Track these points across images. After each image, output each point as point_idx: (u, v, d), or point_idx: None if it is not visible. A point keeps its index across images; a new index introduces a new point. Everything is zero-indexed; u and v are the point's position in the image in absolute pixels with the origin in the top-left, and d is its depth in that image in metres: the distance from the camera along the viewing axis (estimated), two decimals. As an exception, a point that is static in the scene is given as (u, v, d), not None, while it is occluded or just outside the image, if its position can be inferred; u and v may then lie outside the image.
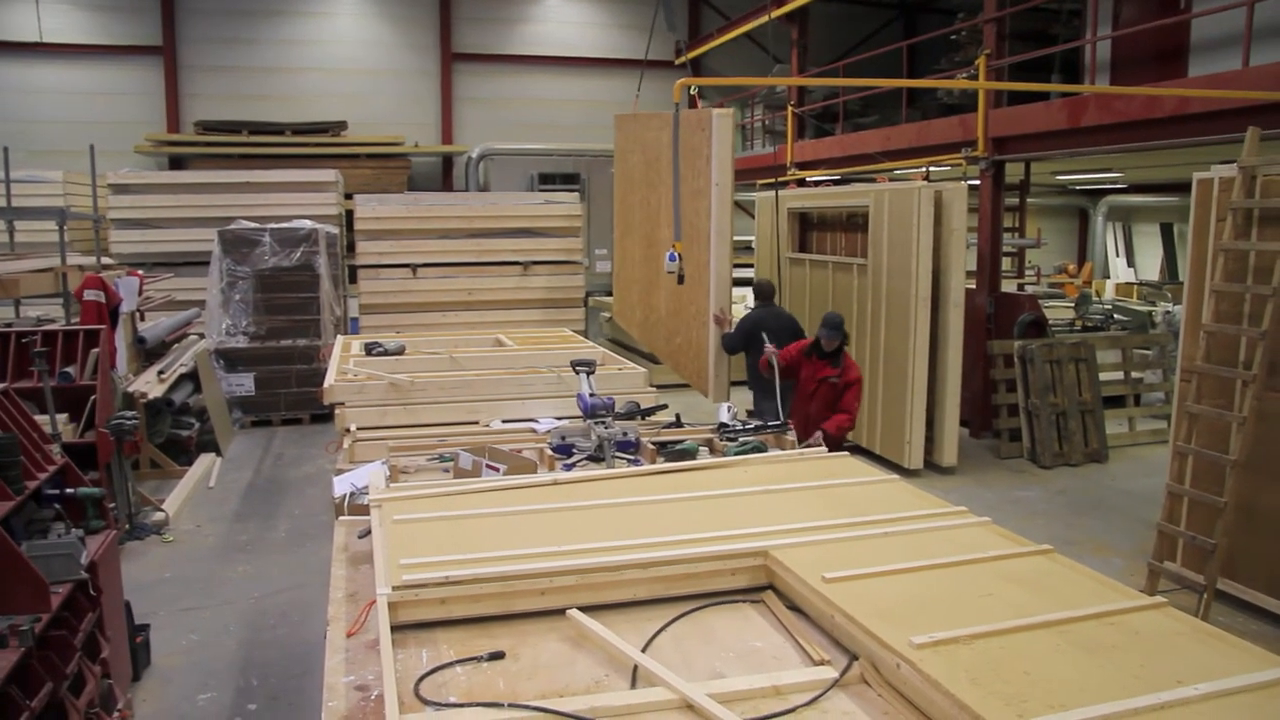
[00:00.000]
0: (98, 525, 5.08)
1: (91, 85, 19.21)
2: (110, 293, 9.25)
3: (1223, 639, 2.67)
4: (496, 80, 21.33)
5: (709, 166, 8.30)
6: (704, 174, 8.43)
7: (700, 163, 8.53)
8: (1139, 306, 16.12)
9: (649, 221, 10.56)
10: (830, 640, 2.87)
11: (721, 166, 8.24)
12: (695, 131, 8.61)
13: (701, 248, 8.59)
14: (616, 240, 13.05)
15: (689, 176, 8.73)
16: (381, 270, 13.43)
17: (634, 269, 11.55)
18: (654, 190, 10.16)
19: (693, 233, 8.76)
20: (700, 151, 8.50)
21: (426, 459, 5.19)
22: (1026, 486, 10.11)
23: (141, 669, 5.80)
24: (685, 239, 8.70)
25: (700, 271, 8.66)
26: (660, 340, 10.49)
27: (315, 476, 10.12)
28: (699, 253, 8.67)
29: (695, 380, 9.30)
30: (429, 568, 3.04)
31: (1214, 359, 6.86)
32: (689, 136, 8.69)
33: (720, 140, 8.20)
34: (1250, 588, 6.79)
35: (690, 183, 8.72)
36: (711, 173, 8.25)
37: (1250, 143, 6.82)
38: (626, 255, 12.19)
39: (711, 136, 8.20)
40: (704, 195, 8.46)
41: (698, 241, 8.67)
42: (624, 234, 12.29)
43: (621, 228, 12.51)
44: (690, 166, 8.72)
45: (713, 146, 8.20)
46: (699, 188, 8.58)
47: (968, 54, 14.35)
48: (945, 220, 10.05)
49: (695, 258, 8.72)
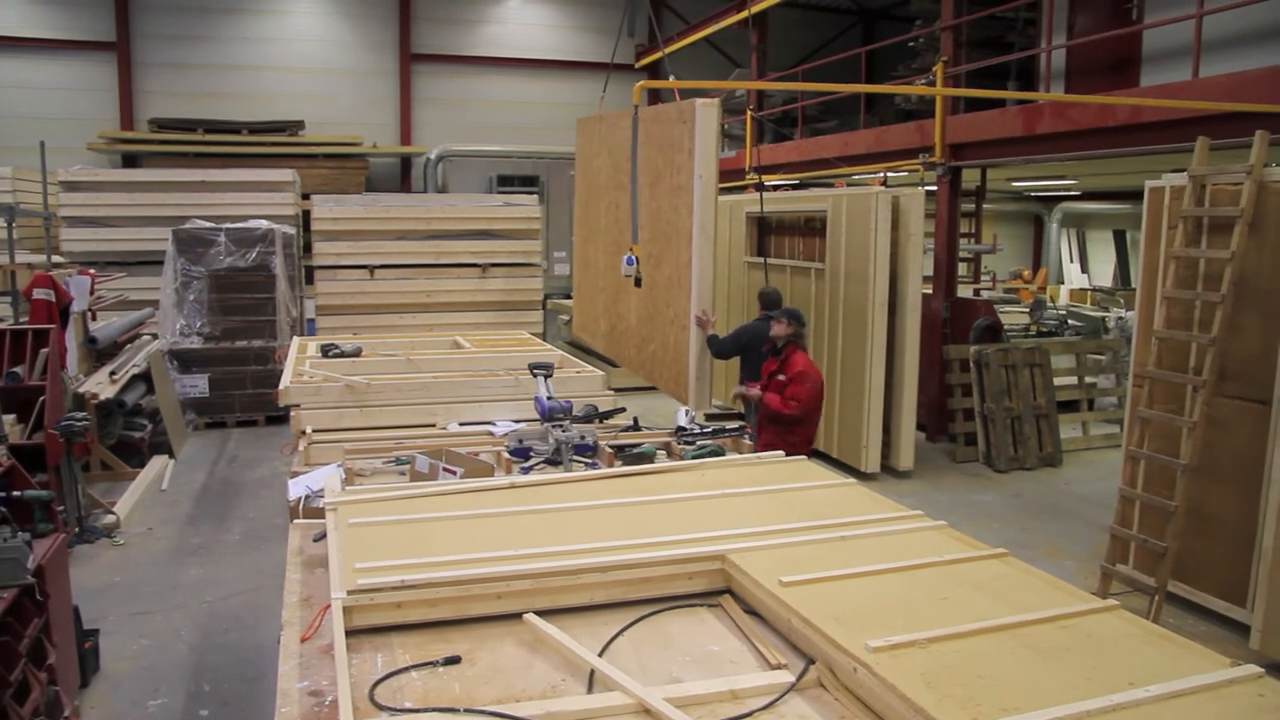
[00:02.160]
0: (45, 529, 4.99)
1: (43, 80, 18.89)
2: (60, 292, 9.09)
3: (1173, 641, 2.71)
4: (456, 81, 21.25)
5: (691, 160, 7.97)
6: (685, 168, 8.11)
7: (681, 157, 8.22)
8: (1093, 312, 16.35)
9: (616, 226, 10.20)
10: (787, 644, 2.87)
11: (705, 159, 7.89)
12: (675, 124, 8.33)
13: (682, 246, 8.25)
14: (577, 248, 12.69)
15: (668, 173, 8.47)
16: (339, 271, 13.32)
17: (598, 278, 11.18)
18: (623, 193, 9.75)
19: (671, 231, 8.47)
20: (681, 145, 8.21)
21: (383, 462, 5.15)
22: (982, 490, 10.21)
23: (90, 675, 5.69)
24: (665, 239, 8.53)
25: (681, 272, 8.32)
26: (630, 350, 10.10)
27: (270, 479, 10.01)
28: (679, 252, 8.34)
29: (673, 388, 8.88)
30: (384, 571, 3.02)
31: (1165, 364, 6.97)
32: (667, 130, 8.46)
33: (704, 132, 7.89)
34: (1200, 590, 6.89)
35: (669, 179, 8.45)
36: (694, 165, 7.92)
37: (1200, 152, 6.93)
38: (589, 264, 11.74)
39: (694, 129, 7.91)
40: (685, 191, 8.11)
41: (678, 240, 8.37)
42: (585, 241, 11.89)
43: (583, 235, 12.12)
44: (669, 162, 8.44)
45: (696, 139, 7.90)
46: (679, 183, 8.26)
47: (925, 61, 14.49)
48: (902, 225, 10.13)
49: (675, 257, 8.43)
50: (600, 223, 10.87)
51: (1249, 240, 6.46)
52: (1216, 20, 9.38)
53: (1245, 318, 6.53)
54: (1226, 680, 2.46)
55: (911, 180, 14.81)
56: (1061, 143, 10.41)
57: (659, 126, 8.65)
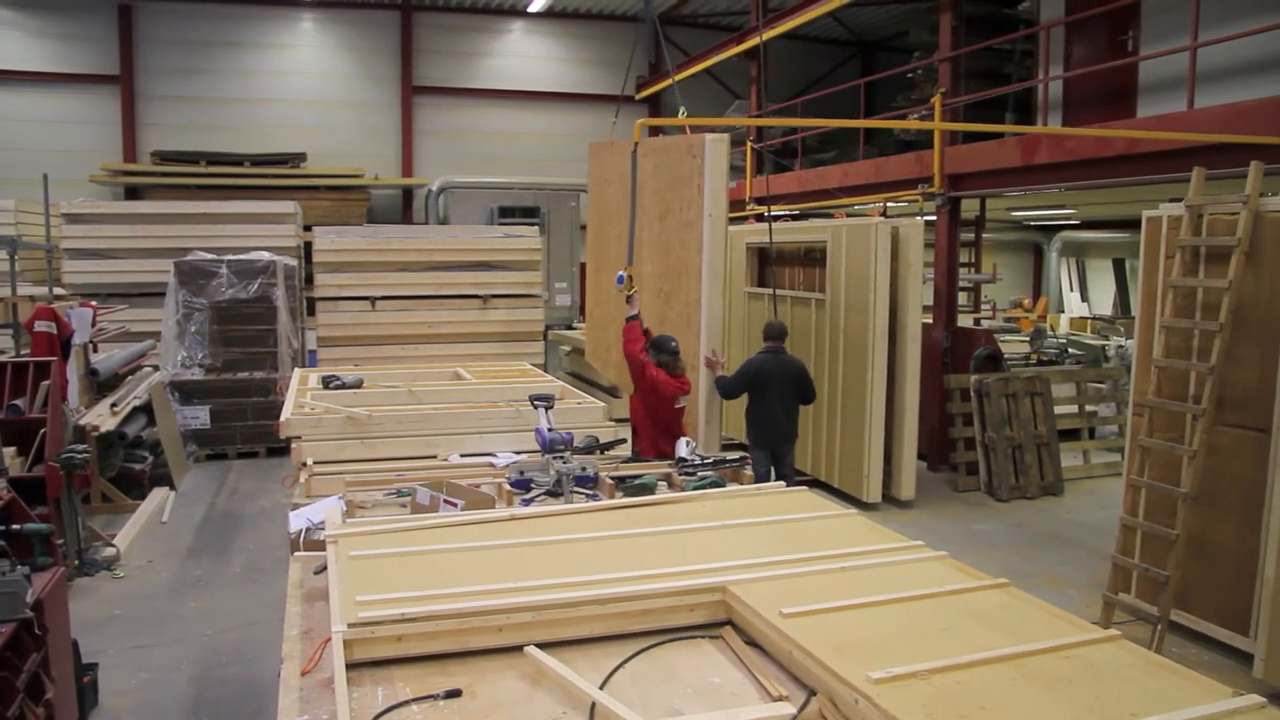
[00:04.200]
0: (45, 562, 4.98)
1: (46, 113, 19.01)
2: (62, 324, 9.11)
3: (1175, 671, 2.71)
4: (457, 113, 21.38)
5: (700, 196, 7.86)
6: (695, 204, 7.97)
7: (690, 192, 8.07)
8: (1093, 341, 16.36)
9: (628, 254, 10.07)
10: (789, 676, 2.87)
11: (715, 196, 7.81)
12: (685, 159, 8.18)
13: (692, 284, 8.10)
14: (589, 275, 12.51)
15: (678, 208, 8.35)
16: (340, 303, 13.34)
17: (610, 306, 10.78)
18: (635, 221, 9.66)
19: (681, 268, 8.31)
20: (690, 180, 8.06)
21: (384, 494, 5.15)
22: (983, 520, 10.19)
23: (89, 709, 5.66)
24: (675, 275, 8.42)
25: (690, 310, 8.15)
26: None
27: (271, 511, 9.98)
28: (688, 289, 8.17)
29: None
30: (385, 604, 3.01)
31: (1165, 393, 6.97)
32: (677, 164, 8.33)
33: (714, 169, 7.79)
34: (1203, 619, 6.86)
35: (679, 214, 8.32)
36: (704, 202, 7.81)
37: (1196, 182, 6.97)
38: (602, 291, 11.43)
39: (704, 164, 7.79)
40: (694, 227, 8.00)
41: (687, 277, 8.20)
42: (598, 268, 11.66)
43: (595, 261, 11.91)
44: (679, 196, 8.31)
45: (705, 175, 7.78)
46: (689, 219, 8.11)
47: (924, 92, 14.58)
48: (902, 255, 10.17)
49: (684, 295, 8.27)
50: (612, 250, 10.66)
51: (1246, 269, 6.48)
52: (1211, 52, 9.45)
53: (1243, 346, 6.55)
54: (1229, 710, 2.45)
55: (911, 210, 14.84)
56: (1059, 173, 10.47)
57: (669, 159, 8.56)
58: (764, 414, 8.44)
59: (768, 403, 8.41)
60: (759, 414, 8.46)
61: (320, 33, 20.46)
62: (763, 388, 8.38)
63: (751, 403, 8.52)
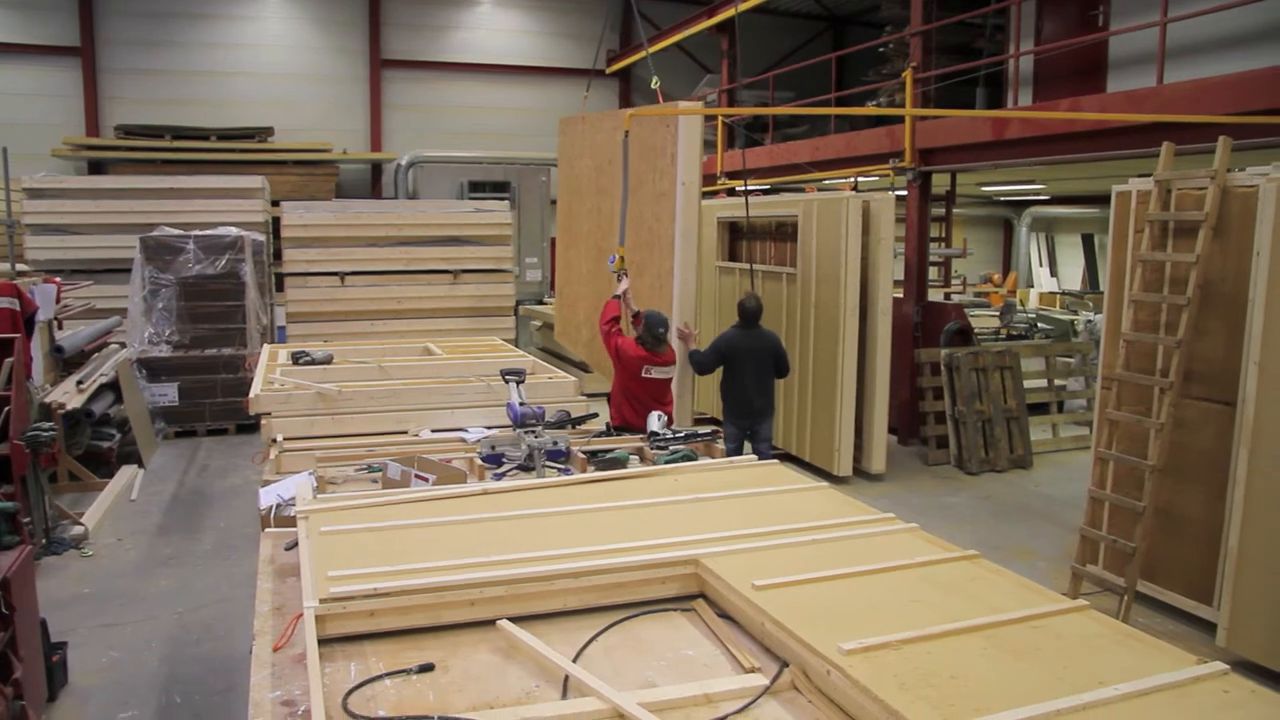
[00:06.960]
0: (11, 541, 4.94)
1: (5, 86, 18.62)
2: (25, 300, 8.99)
3: (1141, 640, 2.74)
4: (426, 87, 21.17)
5: (673, 166, 7.81)
6: (668, 174, 7.92)
7: (663, 162, 8.03)
8: (1062, 315, 16.48)
9: (599, 231, 9.94)
10: (761, 648, 2.88)
11: (689, 165, 7.75)
12: (658, 128, 8.13)
13: (664, 255, 8.02)
14: (559, 252, 12.49)
15: (650, 178, 8.27)
16: (309, 278, 13.23)
17: (580, 284, 10.90)
18: (606, 197, 9.57)
19: (653, 239, 8.25)
20: (663, 150, 8.03)
21: (354, 469, 5.14)
22: (953, 493, 10.28)
23: (58, 688, 5.62)
24: (646, 246, 8.39)
25: (663, 280, 8.09)
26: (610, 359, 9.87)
27: (241, 488, 9.93)
28: (661, 260, 8.11)
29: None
30: (357, 579, 3.00)
31: (1133, 367, 7.04)
32: (650, 134, 8.30)
33: (688, 138, 7.74)
34: (1168, 589, 6.96)
35: (652, 185, 8.26)
36: (677, 172, 7.75)
37: (1165, 157, 7.02)
38: (571, 268, 11.42)
39: (678, 134, 7.76)
40: (667, 197, 7.93)
41: (659, 249, 8.14)
42: (568, 245, 11.56)
43: (565, 239, 11.81)
44: (652, 167, 8.25)
45: (679, 145, 7.75)
46: (662, 189, 8.05)
47: (895, 66, 14.59)
48: (873, 230, 10.19)
49: (657, 265, 8.21)
50: (583, 227, 10.62)
51: (1213, 244, 6.54)
52: (1181, 27, 9.50)
53: (1210, 320, 6.61)
54: (1193, 678, 2.50)
55: (882, 185, 14.90)
56: (1030, 148, 10.50)
57: (642, 129, 8.50)
58: (737, 389, 8.43)
59: (742, 378, 8.38)
60: (732, 389, 8.45)
61: (287, 4, 20.16)
62: (736, 362, 8.36)
63: (725, 377, 8.48)
